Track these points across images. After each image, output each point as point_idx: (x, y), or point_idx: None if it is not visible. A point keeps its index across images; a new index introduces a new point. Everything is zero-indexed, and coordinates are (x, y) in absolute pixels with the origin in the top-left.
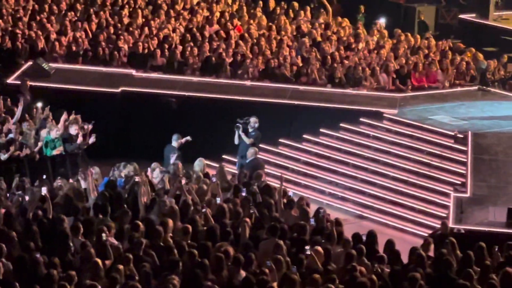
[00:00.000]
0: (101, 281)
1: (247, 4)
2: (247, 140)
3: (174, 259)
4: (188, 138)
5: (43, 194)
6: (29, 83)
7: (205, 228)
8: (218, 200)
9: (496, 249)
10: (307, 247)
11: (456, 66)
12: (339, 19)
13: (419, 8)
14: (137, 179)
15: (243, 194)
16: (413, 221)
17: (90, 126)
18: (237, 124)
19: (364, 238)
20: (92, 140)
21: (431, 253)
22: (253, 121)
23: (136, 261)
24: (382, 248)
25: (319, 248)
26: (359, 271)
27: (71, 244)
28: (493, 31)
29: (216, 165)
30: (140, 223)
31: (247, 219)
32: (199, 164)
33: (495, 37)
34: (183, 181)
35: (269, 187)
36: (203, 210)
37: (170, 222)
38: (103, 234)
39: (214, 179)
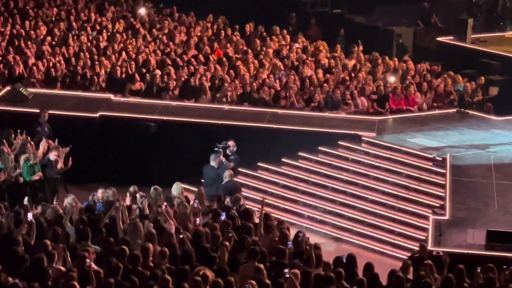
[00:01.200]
0: None
1: (224, 28)
2: (228, 165)
3: (150, 285)
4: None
5: (29, 219)
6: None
7: (183, 252)
8: (197, 223)
9: (478, 270)
10: (286, 270)
11: (435, 89)
12: (318, 42)
13: (397, 31)
14: (116, 204)
15: (223, 218)
16: (392, 244)
17: (67, 149)
18: (217, 149)
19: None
20: (69, 164)
21: (410, 276)
22: (232, 144)
23: (116, 286)
24: (361, 271)
25: (297, 271)
26: None
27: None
28: (470, 53)
29: (195, 189)
30: (125, 248)
31: (226, 243)
32: (176, 188)
33: (473, 60)
34: (166, 205)
35: (248, 211)
36: (181, 236)
37: (150, 246)
38: (87, 260)
39: (196, 204)
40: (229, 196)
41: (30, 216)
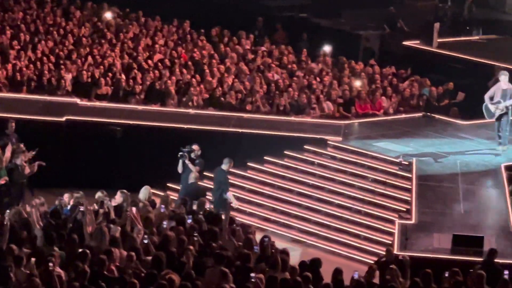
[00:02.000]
0: None
1: (191, 32)
2: (193, 169)
3: None
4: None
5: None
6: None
7: (149, 256)
8: (164, 227)
9: (447, 275)
10: (252, 274)
11: (401, 93)
12: (283, 47)
13: (363, 35)
14: (81, 208)
15: (189, 222)
16: (358, 248)
17: (33, 153)
18: (182, 153)
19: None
20: (35, 168)
21: (376, 280)
22: (196, 148)
23: None
24: (326, 275)
25: (261, 276)
26: None
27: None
28: (437, 58)
29: (161, 193)
30: (87, 251)
31: (191, 247)
32: (144, 192)
33: (439, 64)
34: (134, 210)
35: (215, 215)
36: (145, 240)
37: (116, 251)
38: (50, 264)
39: (163, 208)
40: (190, 198)
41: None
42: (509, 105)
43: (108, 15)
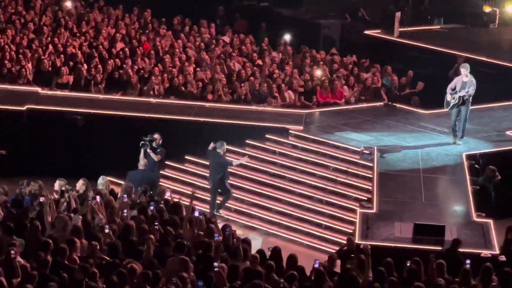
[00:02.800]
0: None
1: (152, 21)
2: (155, 157)
3: (78, 278)
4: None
5: None
6: None
7: (109, 245)
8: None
9: (408, 264)
10: (216, 264)
11: (362, 82)
12: (244, 36)
13: (324, 24)
14: (41, 199)
15: (150, 211)
16: (320, 237)
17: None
18: (143, 142)
19: (268, 252)
20: None
21: (337, 269)
22: (158, 137)
23: (43, 280)
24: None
25: (224, 265)
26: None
27: None
28: (398, 47)
29: (122, 182)
30: (50, 241)
31: (152, 236)
32: (101, 181)
33: (400, 53)
34: (97, 199)
35: (175, 204)
36: (106, 230)
37: (77, 240)
38: (12, 252)
39: (125, 198)
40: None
41: None
42: (463, 95)
43: (68, 4)
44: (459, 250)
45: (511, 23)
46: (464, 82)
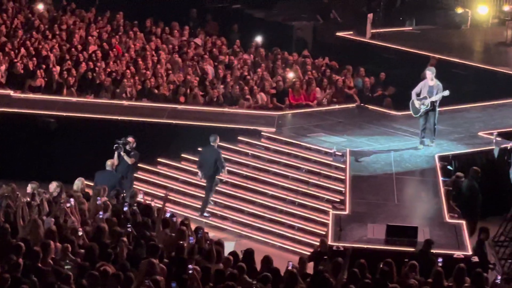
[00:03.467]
0: None
1: (124, 24)
2: (129, 160)
3: (50, 281)
4: None
5: None
6: None
7: (86, 248)
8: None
9: (381, 265)
10: (190, 266)
11: (334, 84)
12: (217, 38)
13: (296, 26)
14: (10, 202)
15: (125, 210)
16: (293, 239)
17: None
18: (117, 145)
19: (241, 256)
20: None
21: (310, 271)
22: (131, 140)
23: (15, 283)
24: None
25: (198, 267)
26: None
27: None
28: (370, 48)
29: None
30: (21, 244)
31: (124, 239)
32: (77, 184)
33: (372, 55)
34: (71, 201)
35: (148, 206)
36: (80, 233)
37: (51, 243)
38: None
39: (98, 200)
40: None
41: None
42: (435, 100)
43: (40, 7)
44: (431, 251)
45: (483, 24)
46: (430, 86)
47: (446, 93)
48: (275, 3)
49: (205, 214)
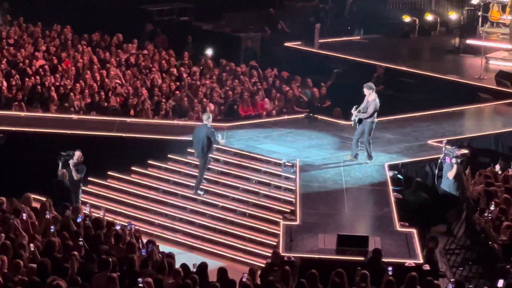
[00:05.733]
0: None
1: (72, 37)
2: (75, 176)
3: None
4: None
5: None
6: None
7: (35, 264)
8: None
9: (333, 276)
10: (140, 280)
11: (283, 94)
12: (165, 50)
13: (245, 37)
14: None
15: (78, 221)
16: (244, 250)
17: None
18: (61, 158)
19: (193, 268)
20: None
21: (259, 281)
22: (78, 155)
23: None
24: (212, 278)
25: (149, 280)
26: None
27: None
28: (318, 58)
29: (44, 199)
30: None
31: (76, 253)
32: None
33: (321, 65)
34: (24, 216)
35: (97, 219)
36: (32, 248)
37: (3, 258)
38: None
39: (47, 215)
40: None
41: None
42: (363, 117)
43: None
44: (381, 260)
45: (431, 33)
46: (368, 102)
47: (362, 115)
48: (223, 15)
49: (199, 191)
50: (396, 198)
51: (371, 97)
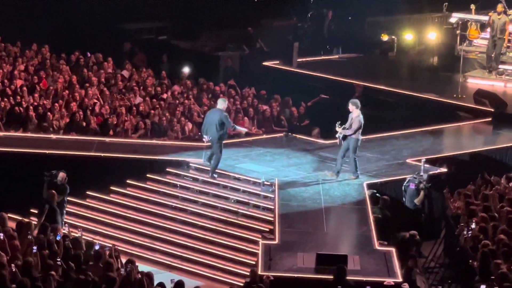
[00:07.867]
0: None
1: (51, 57)
2: (55, 197)
3: None
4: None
5: None
6: None
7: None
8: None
9: None
10: None
11: (262, 113)
12: (144, 69)
13: (223, 56)
14: None
15: (58, 239)
16: (222, 269)
17: None
18: (45, 178)
19: (171, 284)
20: None
21: None
22: (63, 176)
23: None
24: None
25: None
26: None
27: None
28: (297, 77)
29: (25, 219)
30: None
31: (53, 272)
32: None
33: (299, 83)
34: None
35: (75, 239)
36: (13, 269)
37: None
38: None
39: (29, 235)
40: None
41: None
42: (348, 134)
43: None
44: (346, 277)
45: (409, 51)
46: (352, 118)
47: (346, 132)
48: (201, 34)
49: (214, 175)
50: (374, 217)
51: (355, 114)
